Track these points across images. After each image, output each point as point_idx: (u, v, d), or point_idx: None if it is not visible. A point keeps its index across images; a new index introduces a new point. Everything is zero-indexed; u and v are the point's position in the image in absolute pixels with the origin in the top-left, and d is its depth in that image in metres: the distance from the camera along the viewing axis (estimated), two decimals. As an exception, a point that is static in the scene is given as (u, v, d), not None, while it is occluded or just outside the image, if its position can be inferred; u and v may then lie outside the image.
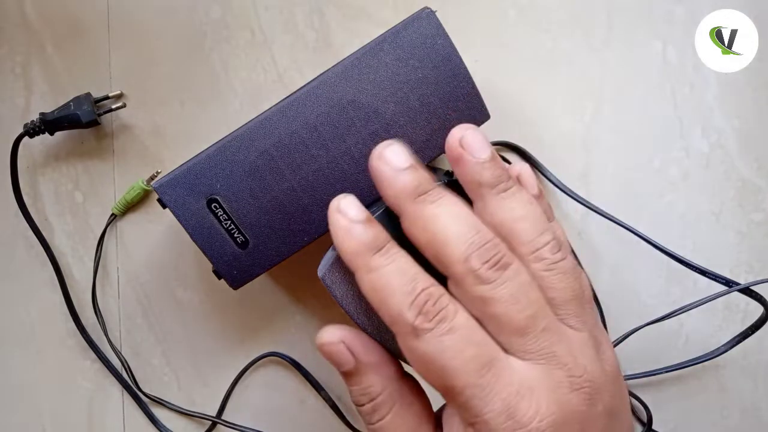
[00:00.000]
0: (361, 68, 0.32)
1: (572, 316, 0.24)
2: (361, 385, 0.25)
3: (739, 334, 0.36)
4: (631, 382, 0.40)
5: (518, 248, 0.24)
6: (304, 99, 0.32)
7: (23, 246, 0.41)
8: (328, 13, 0.39)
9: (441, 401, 0.25)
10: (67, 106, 0.38)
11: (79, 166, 0.41)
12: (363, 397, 0.25)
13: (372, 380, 0.25)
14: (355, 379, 0.25)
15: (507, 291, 0.22)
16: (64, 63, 0.41)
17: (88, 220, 0.41)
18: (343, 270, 0.28)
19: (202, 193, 0.32)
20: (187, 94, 0.40)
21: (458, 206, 0.24)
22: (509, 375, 0.22)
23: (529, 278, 0.23)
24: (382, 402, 0.25)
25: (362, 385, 0.25)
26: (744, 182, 0.39)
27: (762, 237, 0.39)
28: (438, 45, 0.32)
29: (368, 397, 0.25)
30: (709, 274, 0.36)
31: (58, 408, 0.42)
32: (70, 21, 0.40)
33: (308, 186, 0.32)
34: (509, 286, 0.22)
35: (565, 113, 0.39)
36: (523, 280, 0.23)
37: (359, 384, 0.25)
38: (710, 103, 0.39)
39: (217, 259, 0.32)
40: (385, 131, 0.32)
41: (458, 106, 0.32)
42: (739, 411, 0.40)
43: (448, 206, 0.24)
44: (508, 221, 0.24)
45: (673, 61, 0.39)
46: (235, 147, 0.32)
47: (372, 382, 0.25)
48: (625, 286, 0.40)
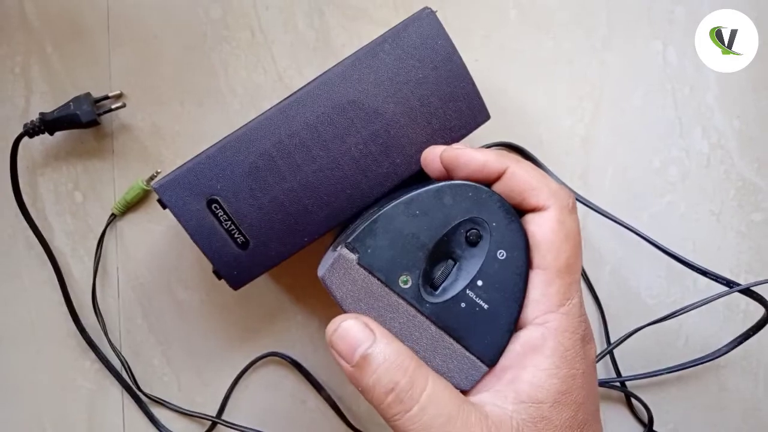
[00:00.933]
0: (361, 68, 0.32)
1: None
2: (388, 359, 0.23)
3: (740, 335, 0.36)
4: (632, 382, 0.40)
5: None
6: (305, 99, 0.32)
7: (23, 246, 0.41)
8: (328, 13, 0.39)
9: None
10: (66, 106, 0.38)
11: (79, 166, 0.41)
12: (395, 373, 0.23)
13: (400, 349, 0.24)
14: (375, 359, 0.23)
15: None
16: (64, 63, 0.41)
17: (88, 220, 0.41)
18: (343, 270, 0.28)
19: (202, 194, 0.32)
20: (187, 94, 0.40)
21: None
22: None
23: None
24: (416, 371, 0.24)
25: (389, 359, 0.23)
26: (744, 182, 0.39)
27: (762, 237, 0.39)
28: (438, 45, 0.32)
29: (402, 371, 0.23)
30: (710, 275, 0.36)
31: (58, 408, 0.42)
32: (70, 21, 0.40)
33: (308, 186, 0.32)
34: None
35: (566, 113, 0.39)
36: None
37: (385, 359, 0.23)
38: (710, 103, 0.39)
39: (218, 259, 0.32)
40: (385, 131, 0.32)
41: (458, 106, 0.32)
42: (739, 411, 0.40)
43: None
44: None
45: (673, 61, 0.39)
46: (236, 147, 0.32)
47: (401, 350, 0.24)
48: (625, 285, 0.40)
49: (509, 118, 0.39)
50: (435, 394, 0.23)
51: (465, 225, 0.28)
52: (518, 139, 0.39)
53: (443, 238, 0.28)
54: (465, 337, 0.28)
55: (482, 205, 0.28)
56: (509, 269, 0.28)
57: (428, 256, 0.28)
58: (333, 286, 0.28)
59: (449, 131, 0.33)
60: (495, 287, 0.28)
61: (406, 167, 0.32)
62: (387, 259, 0.28)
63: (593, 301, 0.40)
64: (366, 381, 0.24)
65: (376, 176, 0.32)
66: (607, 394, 0.41)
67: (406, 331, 0.28)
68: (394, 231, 0.28)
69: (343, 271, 0.28)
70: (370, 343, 0.24)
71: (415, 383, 0.23)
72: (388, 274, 0.28)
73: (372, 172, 0.32)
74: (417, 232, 0.28)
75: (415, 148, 0.32)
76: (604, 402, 0.41)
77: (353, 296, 0.28)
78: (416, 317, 0.28)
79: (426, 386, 0.23)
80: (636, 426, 0.41)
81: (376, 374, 0.23)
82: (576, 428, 0.24)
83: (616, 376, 0.40)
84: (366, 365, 0.24)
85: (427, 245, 0.28)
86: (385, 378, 0.23)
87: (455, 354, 0.28)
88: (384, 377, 0.23)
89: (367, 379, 0.24)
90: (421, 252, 0.28)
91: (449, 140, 0.33)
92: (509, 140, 0.39)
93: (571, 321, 0.25)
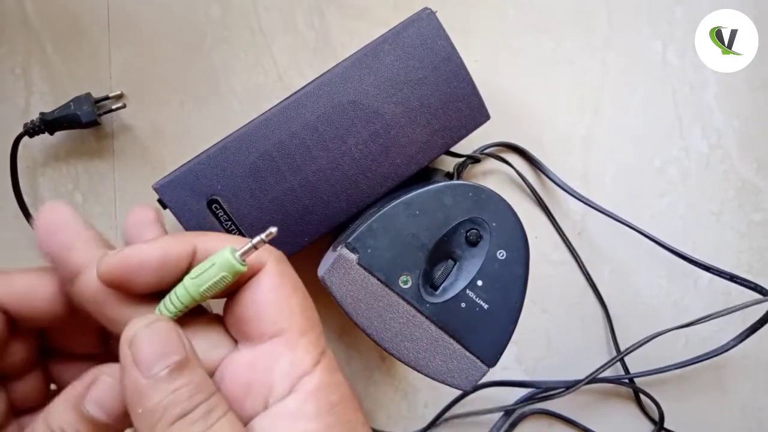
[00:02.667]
0: (361, 69, 0.32)
1: None
2: (194, 378, 0.19)
3: (747, 328, 0.35)
4: (636, 380, 0.40)
5: None
6: (305, 100, 0.32)
7: (23, 246, 0.41)
8: (328, 13, 0.39)
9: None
10: (67, 106, 0.38)
11: (79, 166, 0.41)
12: (197, 396, 0.19)
13: (204, 372, 0.20)
14: (185, 372, 0.19)
15: None
16: (64, 63, 0.41)
17: (88, 220, 0.41)
18: (343, 270, 0.28)
19: (202, 194, 0.32)
20: (187, 94, 0.40)
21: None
22: None
23: None
24: (218, 400, 0.20)
25: (195, 378, 0.19)
26: (744, 182, 0.39)
27: (762, 237, 0.39)
28: (438, 45, 0.32)
29: (205, 394, 0.19)
30: (713, 270, 0.35)
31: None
32: (70, 21, 0.40)
33: (309, 186, 0.32)
34: None
35: (566, 113, 0.39)
36: None
37: (190, 378, 0.19)
38: (710, 103, 0.39)
39: (218, 259, 0.32)
40: (385, 132, 0.32)
41: (458, 106, 0.32)
42: (739, 411, 0.40)
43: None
44: None
45: (673, 61, 0.39)
46: (236, 147, 0.32)
47: (202, 375, 0.20)
48: (625, 285, 0.40)
49: (509, 118, 0.39)
50: (230, 424, 0.20)
51: (465, 225, 0.28)
52: (518, 139, 0.39)
53: (443, 238, 0.28)
54: (465, 337, 0.28)
55: (482, 205, 0.28)
56: (509, 269, 0.29)
57: (428, 256, 0.28)
58: (333, 286, 0.28)
59: (449, 131, 0.33)
60: (495, 287, 0.28)
61: (406, 167, 0.32)
62: (387, 259, 0.28)
63: (598, 302, 0.40)
64: (158, 399, 0.19)
65: (376, 176, 0.32)
66: (616, 391, 0.41)
67: (406, 331, 0.28)
68: (394, 231, 0.28)
69: (343, 271, 0.28)
70: (180, 357, 0.19)
71: (213, 410, 0.19)
72: (388, 274, 0.28)
73: (372, 172, 0.32)
74: (417, 232, 0.28)
75: (415, 149, 0.32)
76: (611, 399, 0.41)
77: (353, 296, 0.28)
78: (416, 317, 0.28)
79: (225, 415, 0.20)
80: (644, 422, 0.41)
81: (174, 394, 0.19)
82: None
83: (625, 373, 0.40)
84: (167, 381, 0.19)
85: (427, 245, 0.28)
86: (184, 399, 0.19)
87: (455, 354, 0.29)
88: (183, 398, 0.19)
89: (159, 398, 0.19)
90: (421, 252, 0.28)
91: (449, 140, 0.33)
92: (509, 140, 0.39)
93: (331, 372, 0.21)
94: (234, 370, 0.21)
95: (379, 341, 0.29)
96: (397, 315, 0.28)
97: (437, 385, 0.29)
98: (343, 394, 0.22)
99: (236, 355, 0.22)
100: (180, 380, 0.19)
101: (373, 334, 0.28)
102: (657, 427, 0.40)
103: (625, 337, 0.40)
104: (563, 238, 0.40)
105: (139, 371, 0.19)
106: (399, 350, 0.29)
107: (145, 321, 0.19)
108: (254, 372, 0.21)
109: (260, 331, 0.21)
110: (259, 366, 0.21)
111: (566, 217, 0.40)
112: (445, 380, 0.29)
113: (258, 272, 0.22)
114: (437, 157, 0.33)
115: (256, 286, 0.22)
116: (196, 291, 0.20)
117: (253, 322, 0.21)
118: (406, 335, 0.28)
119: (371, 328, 0.28)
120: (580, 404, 0.41)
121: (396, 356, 0.29)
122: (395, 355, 0.29)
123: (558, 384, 0.39)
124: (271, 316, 0.21)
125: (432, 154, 0.33)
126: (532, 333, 0.41)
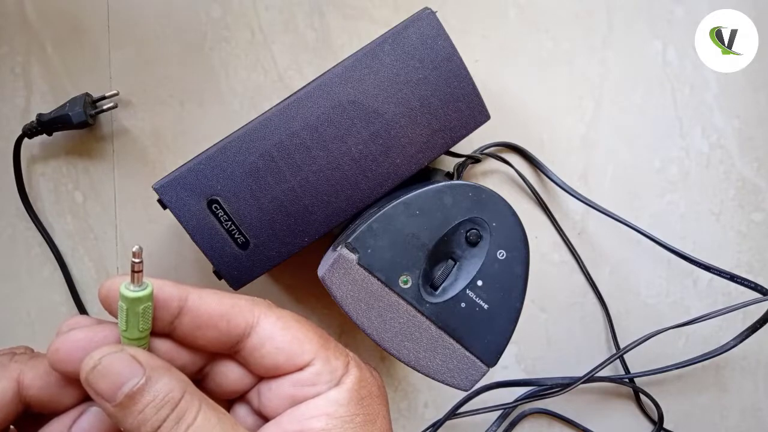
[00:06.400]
0: (361, 69, 0.32)
1: None
2: (158, 395, 0.21)
3: (748, 327, 0.35)
4: (635, 380, 0.40)
5: None
6: (305, 100, 0.32)
7: (23, 246, 0.41)
8: (328, 13, 0.39)
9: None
10: (62, 106, 0.38)
11: (79, 166, 0.41)
12: (163, 410, 0.21)
13: (169, 382, 0.22)
14: (143, 396, 0.21)
15: None
16: (64, 63, 0.41)
17: (88, 220, 0.41)
18: (343, 270, 0.28)
19: (202, 194, 0.32)
20: (187, 94, 0.40)
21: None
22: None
23: None
24: (187, 404, 0.22)
25: (159, 395, 0.21)
26: (744, 182, 0.39)
27: (762, 237, 0.39)
28: (438, 45, 0.32)
29: (171, 405, 0.21)
30: (713, 270, 0.35)
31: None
32: (70, 21, 0.40)
33: (309, 186, 0.32)
34: None
35: (566, 113, 0.39)
36: None
37: (154, 396, 0.21)
38: (710, 103, 0.39)
39: (218, 259, 0.32)
40: (385, 131, 0.32)
41: (458, 106, 0.32)
42: (739, 411, 0.41)
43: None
44: None
45: (673, 61, 0.39)
46: (236, 148, 0.32)
47: (170, 384, 0.22)
48: (625, 285, 0.40)
49: (509, 118, 0.39)
50: (203, 426, 0.22)
51: (465, 225, 0.29)
52: (518, 139, 0.39)
53: (443, 238, 0.28)
54: (465, 337, 0.28)
55: (482, 205, 0.28)
56: (509, 269, 0.29)
57: (428, 256, 0.28)
58: (333, 286, 0.28)
59: (449, 131, 0.33)
60: (495, 287, 0.28)
61: (406, 167, 0.32)
62: (387, 259, 0.28)
63: (598, 302, 0.40)
64: (130, 421, 0.21)
65: (376, 176, 0.32)
66: (615, 391, 0.41)
67: (406, 331, 0.28)
68: (394, 231, 0.28)
69: (343, 271, 0.28)
70: (138, 379, 0.21)
71: (182, 418, 0.22)
72: (388, 274, 0.28)
73: (372, 172, 0.32)
74: (417, 232, 0.28)
75: (415, 149, 0.32)
76: (611, 398, 0.41)
77: (353, 296, 0.28)
78: (416, 317, 0.28)
79: (195, 419, 0.22)
80: (643, 422, 0.41)
81: (142, 414, 0.21)
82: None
83: (625, 372, 0.40)
84: (131, 404, 0.21)
85: (427, 245, 0.28)
86: (151, 416, 0.21)
87: (455, 354, 0.29)
88: (150, 415, 0.21)
89: (132, 419, 0.21)
90: (421, 252, 0.28)
91: (449, 140, 0.33)
92: (509, 140, 0.39)
93: (360, 368, 0.24)
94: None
95: (379, 341, 0.29)
96: (397, 315, 0.28)
97: (437, 385, 0.29)
98: (371, 389, 0.24)
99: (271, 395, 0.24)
100: (143, 399, 0.21)
101: (373, 334, 0.28)
102: (656, 427, 0.40)
103: (625, 336, 0.40)
104: (563, 238, 0.40)
105: (107, 401, 0.21)
106: (399, 350, 0.29)
107: (90, 362, 0.21)
108: (300, 390, 0.24)
109: (289, 362, 0.24)
110: (303, 384, 0.24)
111: (566, 217, 0.40)
112: (445, 380, 0.29)
113: (255, 326, 0.24)
114: (437, 157, 0.33)
115: (260, 330, 0.24)
116: (137, 333, 0.22)
117: (280, 356, 0.24)
118: (406, 335, 0.28)
119: (371, 328, 0.28)
120: (579, 404, 0.41)
121: (396, 356, 0.29)
122: (395, 355, 0.29)
123: (556, 382, 0.39)
124: (290, 349, 0.24)
125: (432, 154, 0.33)
126: (532, 333, 0.41)
